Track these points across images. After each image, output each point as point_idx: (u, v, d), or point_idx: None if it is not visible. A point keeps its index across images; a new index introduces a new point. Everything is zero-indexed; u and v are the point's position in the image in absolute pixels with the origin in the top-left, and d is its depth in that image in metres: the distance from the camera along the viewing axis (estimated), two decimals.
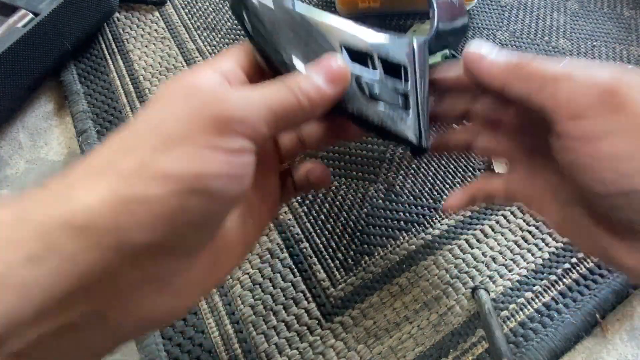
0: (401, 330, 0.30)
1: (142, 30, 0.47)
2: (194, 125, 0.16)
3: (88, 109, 0.40)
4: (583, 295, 0.31)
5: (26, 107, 0.42)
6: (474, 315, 0.31)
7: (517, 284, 0.32)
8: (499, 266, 0.33)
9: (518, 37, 0.49)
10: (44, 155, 0.39)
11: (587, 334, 0.30)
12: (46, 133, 0.40)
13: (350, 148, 0.39)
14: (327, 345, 0.29)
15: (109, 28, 0.47)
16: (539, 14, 0.51)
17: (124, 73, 0.43)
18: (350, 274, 0.32)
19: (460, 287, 0.32)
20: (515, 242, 0.34)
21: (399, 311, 0.31)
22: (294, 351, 0.29)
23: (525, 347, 0.29)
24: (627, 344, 0.30)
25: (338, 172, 0.37)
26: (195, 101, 0.17)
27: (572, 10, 0.52)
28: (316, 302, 0.31)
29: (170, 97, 0.17)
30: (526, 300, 0.31)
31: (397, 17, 0.50)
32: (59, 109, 0.42)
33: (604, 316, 0.31)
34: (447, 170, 0.38)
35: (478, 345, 0.29)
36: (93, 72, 0.43)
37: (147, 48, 0.46)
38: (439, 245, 0.34)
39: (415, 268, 0.33)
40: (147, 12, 0.49)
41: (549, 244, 0.34)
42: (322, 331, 0.30)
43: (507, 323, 0.30)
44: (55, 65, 0.42)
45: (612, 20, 0.50)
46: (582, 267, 0.33)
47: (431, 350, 0.29)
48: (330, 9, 0.50)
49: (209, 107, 0.16)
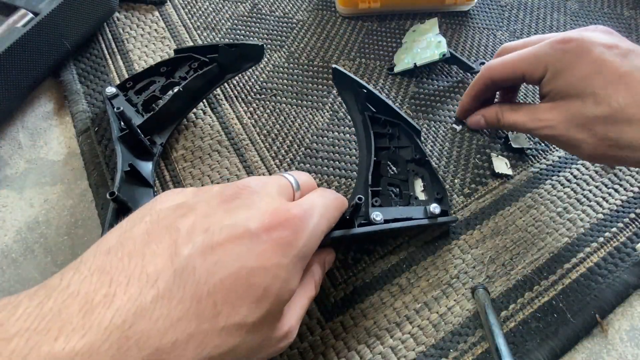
0: (402, 330, 0.30)
1: (142, 30, 0.47)
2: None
3: (88, 109, 0.40)
4: (583, 295, 0.31)
5: (26, 107, 0.42)
6: (474, 315, 0.31)
7: (517, 284, 0.32)
8: (498, 266, 0.33)
9: (518, 37, 0.49)
10: (44, 155, 0.39)
11: (587, 334, 0.30)
12: (46, 133, 0.40)
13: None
14: (328, 345, 0.29)
15: (109, 28, 0.47)
16: (539, 14, 0.51)
17: (124, 73, 0.43)
18: (350, 273, 0.32)
19: (460, 287, 0.32)
20: (515, 242, 0.34)
21: (399, 311, 0.31)
22: (294, 351, 0.29)
23: (525, 347, 0.29)
24: (627, 344, 0.30)
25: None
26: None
27: (572, 10, 0.52)
28: (316, 302, 0.31)
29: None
30: (526, 300, 0.31)
31: (397, 17, 0.50)
32: (59, 108, 0.42)
33: (604, 316, 0.31)
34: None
35: (478, 345, 0.29)
36: (93, 72, 0.43)
37: (147, 48, 0.46)
38: (439, 245, 0.34)
39: (415, 268, 0.33)
40: (147, 12, 0.49)
41: (549, 244, 0.34)
42: (323, 331, 0.30)
43: (507, 323, 0.30)
44: (55, 65, 0.42)
45: (612, 20, 0.50)
46: (582, 267, 0.33)
47: (431, 350, 0.29)
48: (330, 9, 0.51)
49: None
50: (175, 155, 0.38)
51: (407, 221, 0.31)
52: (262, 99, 0.42)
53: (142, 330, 0.17)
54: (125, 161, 0.33)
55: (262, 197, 0.22)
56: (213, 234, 0.20)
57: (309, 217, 0.23)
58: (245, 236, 0.20)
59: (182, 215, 0.20)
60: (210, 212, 0.21)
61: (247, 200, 0.22)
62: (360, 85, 0.33)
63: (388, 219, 0.30)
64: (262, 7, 0.51)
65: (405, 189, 0.33)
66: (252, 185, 0.23)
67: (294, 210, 0.22)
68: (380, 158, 0.34)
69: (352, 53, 0.47)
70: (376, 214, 0.30)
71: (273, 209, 0.22)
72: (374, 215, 0.30)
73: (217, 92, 0.43)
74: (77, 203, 0.36)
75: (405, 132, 0.36)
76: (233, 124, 0.40)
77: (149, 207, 0.21)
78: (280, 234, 0.21)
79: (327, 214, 0.25)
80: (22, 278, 0.33)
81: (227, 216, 0.21)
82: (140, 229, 0.20)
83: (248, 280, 0.19)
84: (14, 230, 0.35)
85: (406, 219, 0.31)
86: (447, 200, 0.33)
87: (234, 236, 0.20)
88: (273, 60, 0.46)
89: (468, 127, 0.40)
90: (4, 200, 0.36)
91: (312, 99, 0.43)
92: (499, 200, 0.36)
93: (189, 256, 0.19)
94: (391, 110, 0.35)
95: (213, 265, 0.19)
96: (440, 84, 0.44)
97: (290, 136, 0.40)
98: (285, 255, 0.21)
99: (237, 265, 0.19)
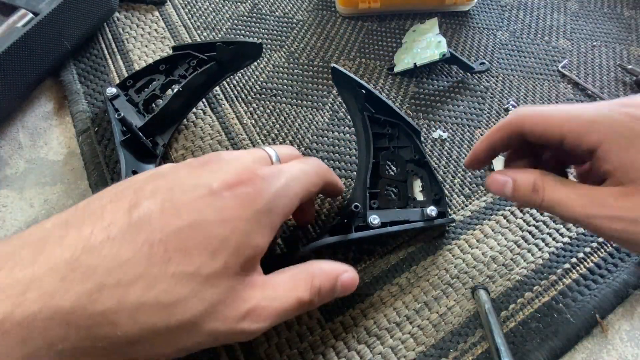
0: (402, 330, 0.30)
1: (142, 30, 0.47)
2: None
3: (88, 109, 0.40)
4: (583, 295, 0.31)
5: (26, 107, 0.42)
6: (474, 315, 0.31)
7: (517, 284, 0.32)
8: (499, 266, 0.33)
9: (518, 37, 0.49)
10: (44, 155, 0.39)
11: (587, 334, 0.30)
12: (46, 133, 0.40)
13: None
14: (328, 345, 0.29)
15: (109, 28, 0.47)
16: (539, 14, 0.51)
17: (124, 73, 0.43)
18: None
19: (460, 287, 0.32)
20: (515, 242, 0.34)
21: (399, 311, 0.31)
22: (294, 351, 0.29)
23: (526, 347, 0.29)
24: (627, 344, 0.30)
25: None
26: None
27: (572, 10, 0.52)
28: None
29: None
30: (526, 300, 0.31)
31: (397, 17, 0.50)
32: (59, 108, 0.42)
33: (604, 316, 0.31)
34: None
35: (478, 345, 0.29)
36: (93, 72, 0.43)
37: (147, 48, 0.46)
38: (439, 245, 0.34)
39: (415, 268, 0.33)
40: (147, 12, 0.49)
41: (549, 243, 0.34)
42: (323, 331, 0.30)
43: (507, 323, 0.30)
44: (55, 65, 0.42)
45: (612, 20, 0.50)
46: (582, 267, 0.33)
47: (431, 350, 0.29)
48: (330, 9, 0.51)
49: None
50: (175, 155, 0.38)
51: (404, 224, 0.31)
52: (262, 99, 0.42)
53: (88, 264, 0.17)
54: (129, 166, 0.33)
55: (230, 162, 0.22)
56: (175, 192, 0.20)
57: (275, 177, 0.23)
58: (206, 194, 0.20)
59: (152, 180, 0.21)
60: (179, 176, 0.21)
61: (215, 165, 0.22)
62: (359, 85, 0.33)
63: (385, 222, 0.30)
64: (262, 7, 0.51)
65: (404, 190, 0.34)
66: (224, 155, 0.23)
67: (260, 171, 0.22)
68: (380, 158, 0.34)
69: (352, 53, 0.47)
70: (373, 217, 0.30)
71: (239, 169, 0.22)
72: (372, 218, 0.30)
73: (217, 92, 0.43)
74: (77, 203, 0.36)
75: (405, 132, 0.36)
76: (233, 124, 0.40)
77: (130, 177, 0.22)
78: (242, 190, 0.21)
79: (303, 178, 0.24)
80: None
81: (193, 178, 0.21)
82: (111, 191, 0.21)
83: (204, 232, 0.19)
84: (14, 230, 0.35)
85: (403, 221, 0.31)
86: (445, 202, 0.33)
87: (196, 194, 0.20)
88: (273, 60, 0.46)
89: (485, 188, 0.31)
90: (4, 200, 0.36)
91: (312, 99, 0.43)
92: (499, 200, 0.36)
93: (147, 208, 0.19)
94: (391, 111, 0.35)
95: (170, 217, 0.19)
96: (440, 84, 0.44)
97: (290, 136, 0.40)
98: (246, 209, 0.21)
99: (194, 217, 0.19)
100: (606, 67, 0.46)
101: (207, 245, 0.19)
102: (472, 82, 0.44)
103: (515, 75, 0.45)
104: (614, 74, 0.45)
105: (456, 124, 0.41)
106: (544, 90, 0.44)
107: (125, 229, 0.18)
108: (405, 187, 0.34)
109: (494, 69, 0.45)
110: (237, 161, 0.23)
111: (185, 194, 0.20)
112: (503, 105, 0.42)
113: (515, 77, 0.45)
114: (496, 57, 0.47)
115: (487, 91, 0.44)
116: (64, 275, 0.17)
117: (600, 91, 0.43)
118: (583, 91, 0.44)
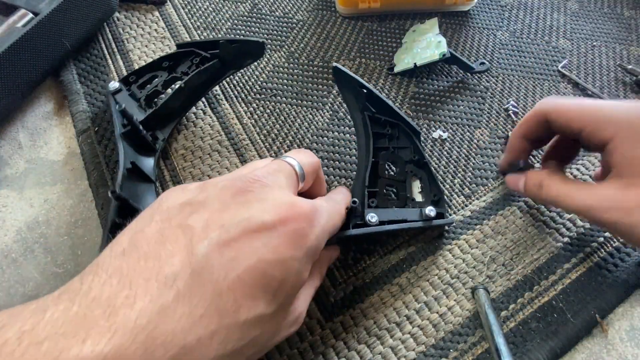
0: (402, 330, 0.30)
1: (142, 30, 0.47)
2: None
3: (88, 109, 0.40)
4: (583, 295, 0.31)
5: (26, 107, 0.42)
6: (474, 315, 0.31)
7: (517, 284, 0.32)
8: (499, 266, 0.33)
9: (518, 37, 0.49)
10: (44, 155, 0.39)
11: (587, 334, 0.30)
12: (46, 133, 0.40)
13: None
14: (328, 345, 0.29)
15: (109, 28, 0.47)
16: (539, 14, 0.51)
17: (124, 73, 0.43)
18: (350, 273, 0.32)
19: (460, 287, 0.32)
20: (515, 242, 0.34)
21: (399, 311, 0.31)
22: (294, 351, 0.29)
23: (526, 347, 0.29)
24: (627, 344, 0.30)
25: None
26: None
27: (572, 10, 0.52)
28: (316, 302, 0.31)
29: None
30: (526, 300, 0.31)
31: (397, 17, 0.50)
32: (59, 108, 0.42)
33: (604, 316, 0.31)
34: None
35: (478, 345, 0.29)
36: (93, 72, 0.43)
37: (147, 48, 0.46)
38: (439, 245, 0.34)
39: (415, 268, 0.33)
40: (147, 12, 0.49)
41: (549, 244, 0.34)
42: (323, 331, 0.30)
43: (507, 323, 0.30)
44: (55, 65, 0.42)
45: (612, 20, 0.50)
46: (582, 267, 0.33)
47: (431, 350, 0.29)
48: (330, 9, 0.51)
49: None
50: (175, 155, 0.38)
51: (401, 223, 0.31)
52: (262, 99, 0.42)
53: (166, 329, 0.17)
54: (128, 158, 0.33)
55: (273, 190, 0.23)
56: (229, 229, 0.20)
57: (319, 213, 0.23)
58: (261, 230, 0.20)
59: (193, 212, 0.20)
60: (223, 207, 0.21)
61: (259, 193, 0.22)
62: (361, 85, 0.33)
63: (383, 221, 0.30)
64: (262, 7, 0.51)
65: (403, 190, 0.34)
66: (261, 177, 0.23)
67: (307, 205, 0.23)
68: (379, 158, 0.34)
69: (352, 53, 0.47)
70: (371, 216, 0.30)
71: (287, 202, 0.22)
72: (369, 216, 0.30)
73: (217, 92, 0.43)
74: (77, 203, 0.36)
75: (405, 133, 0.36)
76: (233, 124, 0.40)
77: (156, 207, 0.21)
78: (295, 226, 0.21)
79: (337, 218, 0.27)
80: (22, 278, 0.33)
81: (241, 210, 0.21)
82: (152, 229, 0.20)
83: (265, 274, 0.20)
84: (14, 230, 0.35)
85: (401, 221, 0.31)
86: (444, 203, 0.33)
87: (250, 230, 0.20)
88: (273, 60, 0.46)
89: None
90: (4, 200, 0.36)
91: (312, 99, 0.43)
92: (499, 200, 0.36)
93: (206, 254, 0.19)
94: (391, 111, 0.35)
95: (231, 261, 0.19)
96: (440, 84, 0.44)
97: (290, 136, 0.40)
98: (300, 248, 0.21)
99: (254, 259, 0.19)
100: (606, 67, 0.46)
101: (268, 287, 0.20)
102: (472, 82, 0.44)
103: (515, 75, 0.45)
104: (614, 74, 0.45)
105: (456, 124, 0.41)
106: (544, 90, 0.44)
107: (191, 281, 0.18)
108: (404, 187, 0.34)
109: (494, 69, 0.45)
110: (279, 189, 0.23)
111: (239, 230, 0.20)
112: (503, 105, 0.42)
113: (515, 77, 0.45)
114: (496, 57, 0.47)
115: (487, 91, 0.44)
116: (147, 347, 0.16)
117: (600, 91, 0.43)
118: (583, 91, 0.44)
